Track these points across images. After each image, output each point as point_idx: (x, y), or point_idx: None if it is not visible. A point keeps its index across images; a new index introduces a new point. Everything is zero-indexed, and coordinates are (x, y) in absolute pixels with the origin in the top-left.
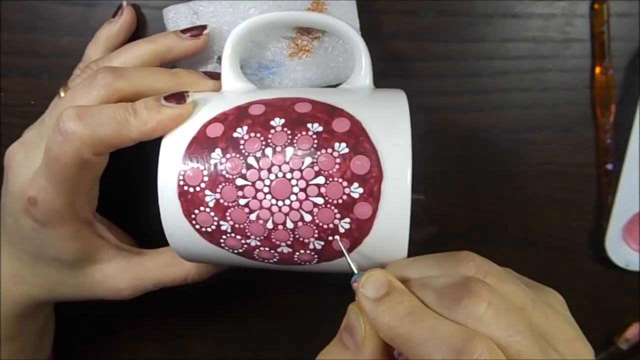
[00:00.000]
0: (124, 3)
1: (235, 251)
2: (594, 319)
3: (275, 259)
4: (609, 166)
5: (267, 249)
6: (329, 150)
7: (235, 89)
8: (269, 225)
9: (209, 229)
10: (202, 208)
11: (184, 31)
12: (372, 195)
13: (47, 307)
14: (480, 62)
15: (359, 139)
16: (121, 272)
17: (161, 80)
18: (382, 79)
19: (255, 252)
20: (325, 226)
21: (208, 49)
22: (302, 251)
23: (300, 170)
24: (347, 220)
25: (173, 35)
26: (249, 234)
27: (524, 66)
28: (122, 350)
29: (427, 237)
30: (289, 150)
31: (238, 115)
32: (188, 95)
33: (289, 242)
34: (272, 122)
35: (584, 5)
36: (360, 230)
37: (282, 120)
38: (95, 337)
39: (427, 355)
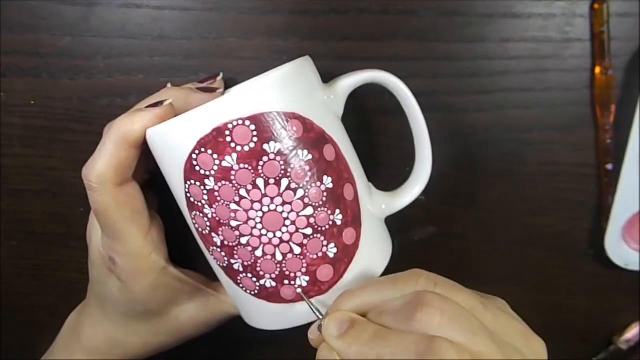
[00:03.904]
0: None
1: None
2: (594, 319)
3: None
4: (609, 166)
5: (249, 275)
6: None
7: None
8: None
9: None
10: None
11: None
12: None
13: None
14: (480, 62)
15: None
16: (204, 310)
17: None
18: None
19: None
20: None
21: None
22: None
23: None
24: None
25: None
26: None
27: (524, 66)
28: None
29: (427, 237)
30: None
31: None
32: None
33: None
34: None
35: (584, 5)
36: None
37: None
38: None
39: None
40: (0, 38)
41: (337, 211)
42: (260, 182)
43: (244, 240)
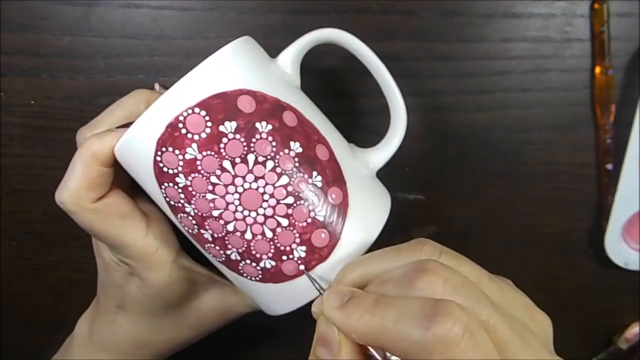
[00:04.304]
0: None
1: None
2: (594, 319)
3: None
4: (609, 166)
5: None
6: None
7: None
8: (230, 227)
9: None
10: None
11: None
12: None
13: None
14: (480, 62)
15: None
16: (221, 300)
17: (125, 108)
18: None
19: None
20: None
21: None
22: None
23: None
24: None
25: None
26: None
27: (524, 66)
28: None
29: (426, 237)
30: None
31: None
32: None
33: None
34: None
35: (584, 5)
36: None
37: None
38: None
39: (404, 334)
40: (0, 38)
41: (314, 173)
42: (227, 164)
43: (230, 227)
